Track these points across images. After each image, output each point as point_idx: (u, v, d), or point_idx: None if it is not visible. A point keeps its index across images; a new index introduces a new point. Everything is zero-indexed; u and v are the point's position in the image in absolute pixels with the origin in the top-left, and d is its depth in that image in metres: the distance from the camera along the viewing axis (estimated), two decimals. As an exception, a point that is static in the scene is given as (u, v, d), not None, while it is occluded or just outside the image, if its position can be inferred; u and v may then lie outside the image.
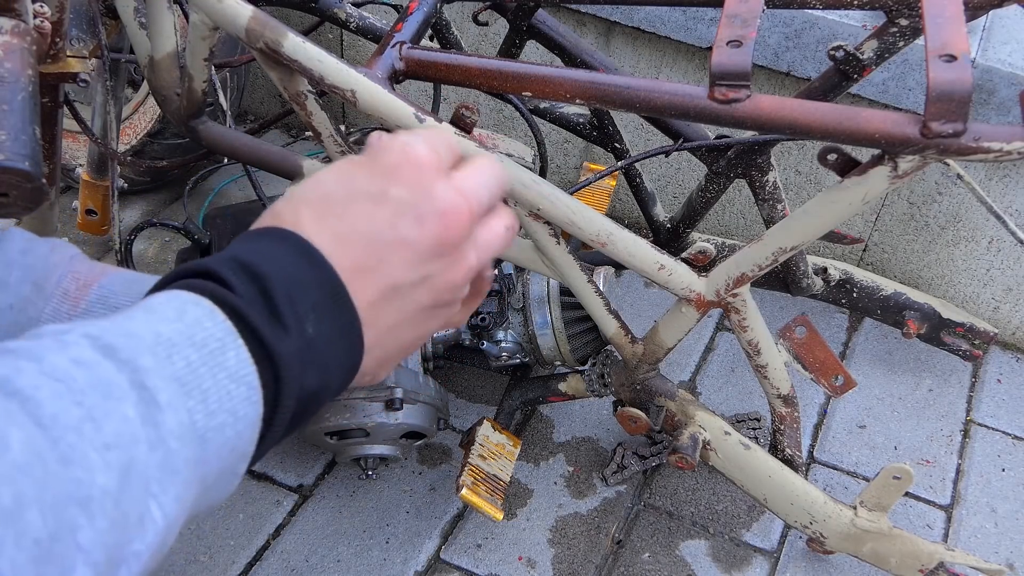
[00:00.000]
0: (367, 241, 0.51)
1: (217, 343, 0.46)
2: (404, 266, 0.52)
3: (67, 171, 1.40)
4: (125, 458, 0.40)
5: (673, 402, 0.95)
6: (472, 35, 1.46)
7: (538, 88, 0.74)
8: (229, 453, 0.45)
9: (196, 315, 0.46)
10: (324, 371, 0.50)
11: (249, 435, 0.46)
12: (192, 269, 0.49)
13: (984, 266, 1.35)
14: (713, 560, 1.07)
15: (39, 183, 0.61)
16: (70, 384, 0.40)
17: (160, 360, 0.43)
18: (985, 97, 1.20)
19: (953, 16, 0.66)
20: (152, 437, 0.41)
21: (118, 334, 0.43)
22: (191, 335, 0.45)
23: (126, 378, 0.42)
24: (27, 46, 0.66)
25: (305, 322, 0.49)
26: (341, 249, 0.51)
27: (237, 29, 0.71)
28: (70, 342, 0.42)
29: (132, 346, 0.43)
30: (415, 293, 0.53)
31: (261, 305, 0.48)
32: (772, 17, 1.24)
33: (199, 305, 0.46)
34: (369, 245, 0.52)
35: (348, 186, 0.52)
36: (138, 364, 0.42)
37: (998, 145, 0.63)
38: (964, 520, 1.13)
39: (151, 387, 0.42)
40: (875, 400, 1.27)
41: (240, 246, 0.50)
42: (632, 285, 1.43)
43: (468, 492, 0.95)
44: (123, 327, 0.44)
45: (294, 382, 0.48)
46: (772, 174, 1.04)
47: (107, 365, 0.41)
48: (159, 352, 0.43)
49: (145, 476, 0.40)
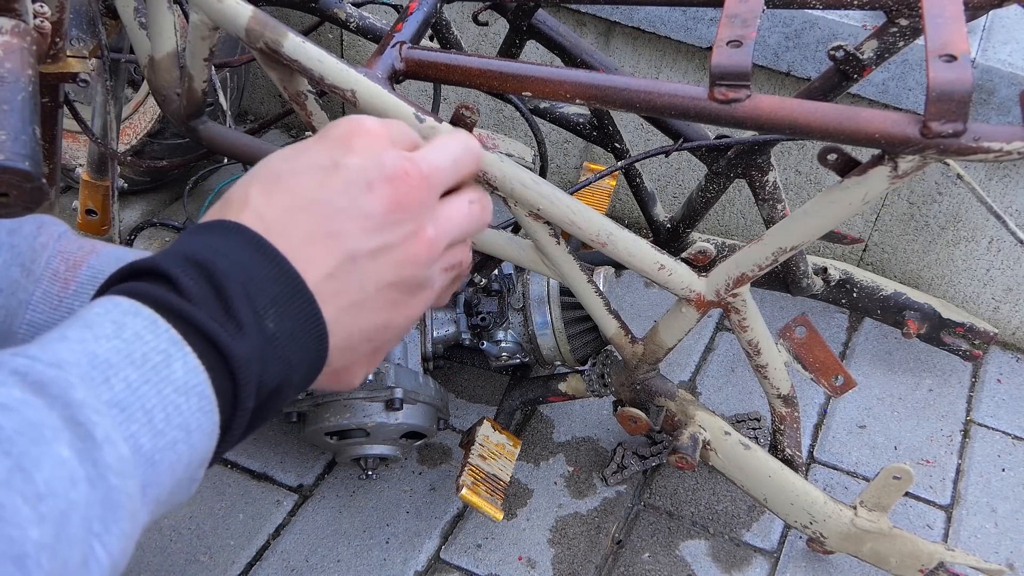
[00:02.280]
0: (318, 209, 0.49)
1: (160, 356, 0.43)
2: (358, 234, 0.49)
3: (67, 171, 1.40)
4: (61, 504, 0.38)
5: (673, 402, 0.95)
6: (472, 35, 1.46)
7: (538, 88, 0.74)
8: (184, 467, 0.43)
9: (135, 328, 0.43)
10: (287, 366, 0.47)
11: (206, 445, 0.44)
12: (139, 267, 0.46)
13: (984, 266, 1.35)
14: (713, 560, 1.07)
15: (39, 183, 0.61)
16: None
17: (95, 388, 0.41)
18: (985, 97, 1.20)
19: (953, 16, 0.66)
20: (92, 475, 0.39)
21: (48, 364, 0.40)
22: (130, 352, 0.43)
23: (58, 415, 0.39)
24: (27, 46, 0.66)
25: (265, 319, 0.46)
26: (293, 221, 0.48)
27: (237, 29, 0.71)
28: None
29: (63, 379, 0.40)
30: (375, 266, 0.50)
31: (214, 304, 0.45)
32: (772, 17, 1.24)
33: (139, 315, 0.44)
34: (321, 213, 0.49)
35: (298, 160, 0.50)
36: (70, 398, 0.40)
37: (998, 145, 0.63)
38: (964, 520, 1.13)
39: (85, 422, 0.40)
40: (875, 400, 1.27)
41: (191, 240, 0.47)
42: (632, 285, 1.43)
43: (468, 492, 0.95)
44: (55, 354, 0.41)
45: (252, 382, 0.46)
46: (772, 174, 1.04)
47: (36, 404, 0.39)
48: (94, 378, 0.41)
49: (86, 517, 0.38)
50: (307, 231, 0.48)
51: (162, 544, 1.03)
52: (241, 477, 1.11)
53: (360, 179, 0.49)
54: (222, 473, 1.11)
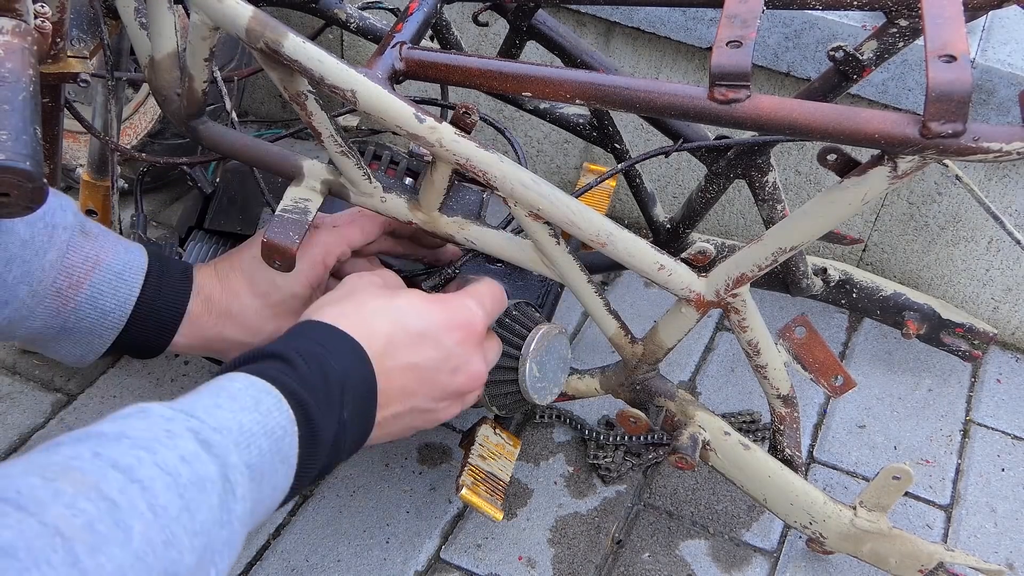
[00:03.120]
0: (414, 372, 0.69)
1: (281, 431, 0.58)
2: (429, 397, 0.71)
3: (67, 171, 1.40)
4: (205, 540, 0.49)
5: (673, 402, 0.95)
6: (472, 35, 1.46)
7: (538, 88, 0.74)
8: (264, 515, 0.58)
9: (268, 405, 0.58)
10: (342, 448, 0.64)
11: (280, 499, 0.60)
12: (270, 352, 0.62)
13: (984, 266, 1.35)
14: (713, 560, 1.07)
15: (40, 183, 0.61)
16: (176, 478, 0.49)
17: (241, 451, 0.54)
18: (985, 97, 1.20)
19: (953, 16, 0.66)
20: (224, 520, 0.51)
21: (213, 428, 0.53)
22: (264, 424, 0.57)
23: (217, 471, 0.51)
24: (28, 46, 0.66)
25: (345, 404, 0.63)
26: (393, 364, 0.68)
27: (237, 29, 0.71)
28: (177, 434, 0.51)
29: (223, 442, 0.53)
30: (421, 416, 0.72)
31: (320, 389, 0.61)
32: (772, 17, 1.24)
33: (270, 394, 0.59)
34: (413, 375, 0.69)
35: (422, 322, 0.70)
36: (227, 460, 0.53)
37: (997, 145, 0.63)
38: (964, 520, 1.13)
39: (233, 480, 0.52)
40: (875, 400, 1.27)
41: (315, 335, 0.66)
42: (632, 285, 1.43)
43: (468, 492, 0.95)
44: (215, 419, 0.54)
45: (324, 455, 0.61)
46: (772, 174, 1.04)
47: (205, 459, 0.51)
48: (241, 443, 0.54)
49: (213, 551, 0.50)
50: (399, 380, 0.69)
51: (162, 544, 1.03)
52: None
53: (453, 363, 0.71)
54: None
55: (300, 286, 0.83)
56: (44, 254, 0.74)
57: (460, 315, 0.72)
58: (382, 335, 0.67)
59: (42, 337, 0.78)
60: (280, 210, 0.80)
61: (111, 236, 0.79)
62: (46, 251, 0.74)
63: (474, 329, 0.73)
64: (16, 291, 0.73)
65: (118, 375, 1.20)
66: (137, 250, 0.80)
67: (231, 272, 0.83)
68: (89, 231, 0.78)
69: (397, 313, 0.69)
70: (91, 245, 0.77)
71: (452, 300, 0.73)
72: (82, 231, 0.77)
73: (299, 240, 0.78)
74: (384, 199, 0.83)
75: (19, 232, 0.73)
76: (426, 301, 0.72)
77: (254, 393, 0.58)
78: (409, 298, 0.72)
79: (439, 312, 0.71)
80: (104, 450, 0.48)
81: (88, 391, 1.18)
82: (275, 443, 0.57)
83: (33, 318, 0.75)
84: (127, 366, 1.21)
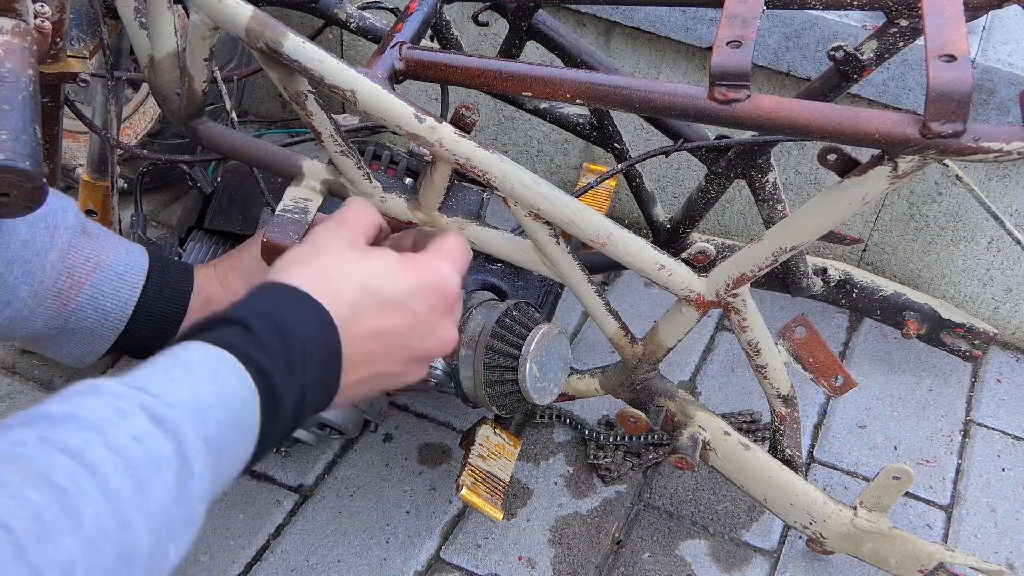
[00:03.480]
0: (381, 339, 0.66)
1: (241, 401, 0.55)
2: (395, 362, 0.68)
3: (67, 171, 1.40)
4: (162, 521, 0.48)
5: (673, 402, 0.95)
6: (472, 35, 1.46)
7: (538, 88, 0.74)
8: (225, 485, 0.56)
9: (225, 375, 0.55)
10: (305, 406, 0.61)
11: (241, 468, 0.58)
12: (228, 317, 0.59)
13: (984, 266, 1.35)
14: (713, 560, 1.07)
15: (40, 183, 0.61)
16: (128, 459, 0.47)
17: (197, 426, 0.52)
18: (985, 97, 1.20)
19: (953, 16, 0.66)
20: (181, 498, 0.49)
21: (167, 404, 0.51)
22: (221, 395, 0.54)
23: (172, 448, 0.50)
24: (28, 46, 0.66)
25: (307, 370, 0.60)
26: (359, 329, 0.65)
27: (237, 29, 0.71)
28: (128, 412, 0.49)
29: (177, 419, 0.51)
30: (386, 379, 0.69)
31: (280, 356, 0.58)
32: (772, 17, 1.24)
33: (228, 363, 0.56)
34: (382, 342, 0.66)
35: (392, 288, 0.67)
36: (183, 436, 0.50)
37: (998, 145, 0.63)
38: (964, 520, 1.13)
39: (189, 457, 0.50)
40: (875, 400, 1.27)
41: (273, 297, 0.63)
42: (632, 285, 1.43)
43: (468, 492, 0.95)
44: (169, 393, 0.52)
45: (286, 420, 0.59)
46: (772, 174, 1.04)
47: (158, 437, 0.49)
48: (197, 417, 0.52)
49: (171, 529, 0.49)
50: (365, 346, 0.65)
51: (162, 544, 1.03)
52: (241, 477, 1.10)
53: (423, 328, 0.68)
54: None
55: None
56: (46, 254, 0.74)
57: (432, 279, 0.69)
58: (349, 300, 0.64)
59: (43, 337, 0.78)
60: (280, 210, 0.80)
61: (112, 237, 0.79)
62: (48, 251, 0.74)
63: (446, 293, 0.70)
64: (18, 291, 0.73)
65: (118, 375, 1.20)
66: (138, 251, 0.80)
67: (231, 272, 0.83)
68: (90, 231, 0.78)
69: (366, 277, 0.66)
70: (92, 245, 0.77)
71: (425, 263, 0.70)
72: (83, 231, 0.77)
73: (299, 240, 0.78)
74: (384, 199, 0.83)
75: (21, 233, 0.73)
76: (397, 264, 0.68)
77: (211, 363, 0.55)
78: (379, 260, 0.68)
79: (410, 276, 0.68)
80: (51, 433, 0.47)
81: (88, 391, 1.18)
82: (234, 415, 0.55)
83: (34, 318, 0.75)
84: (127, 366, 1.21)
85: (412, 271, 0.68)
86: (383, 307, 0.66)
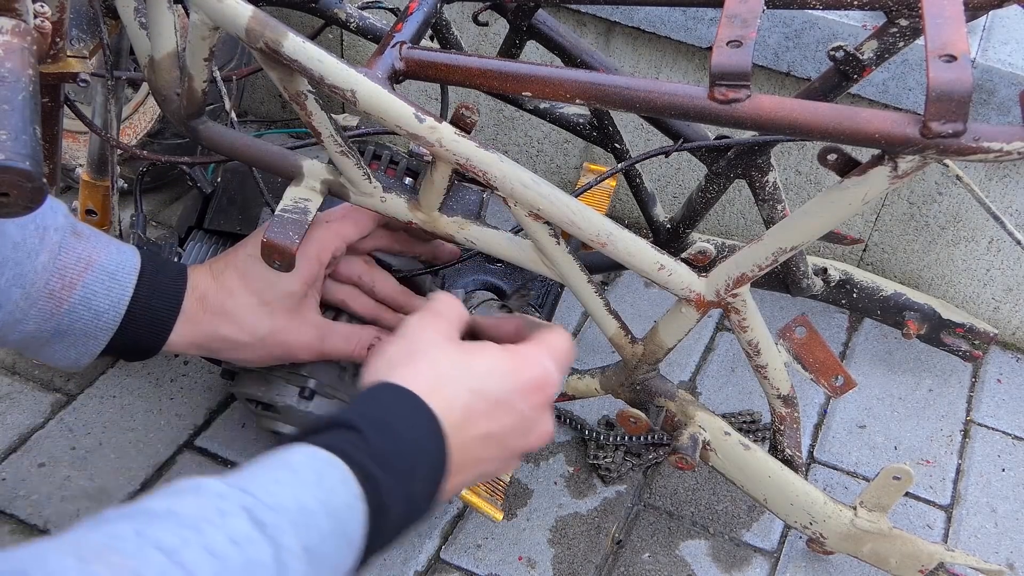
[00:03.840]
0: (488, 440, 0.66)
1: (346, 509, 0.54)
2: (496, 462, 0.69)
3: (67, 171, 1.40)
4: None
5: (673, 402, 0.95)
6: (472, 35, 1.46)
7: (538, 88, 0.74)
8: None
9: (332, 481, 0.54)
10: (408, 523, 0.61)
11: None
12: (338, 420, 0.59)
13: (984, 266, 1.35)
14: (713, 560, 1.07)
15: (39, 183, 0.61)
16: (224, 562, 0.46)
17: (299, 532, 0.50)
18: (985, 97, 1.20)
19: (953, 16, 0.66)
20: None
21: (268, 507, 0.50)
22: (326, 502, 0.53)
23: (271, 555, 0.48)
24: (28, 46, 0.66)
25: (415, 480, 0.60)
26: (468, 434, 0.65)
27: (237, 29, 0.71)
28: (228, 513, 0.48)
29: (278, 523, 0.49)
30: (486, 476, 0.70)
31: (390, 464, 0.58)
32: (772, 17, 1.24)
33: (336, 469, 0.55)
34: (488, 443, 0.66)
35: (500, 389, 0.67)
36: (281, 542, 0.49)
37: (998, 145, 0.63)
38: (964, 520, 1.13)
39: (288, 564, 0.49)
40: (875, 400, 1.27)
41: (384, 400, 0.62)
42: (632, 285, 1.43)
43: (468, 492, 0.95)
44: (272, 496, 0.51)
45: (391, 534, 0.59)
46: (772, 174, 1.04)
47: (258, 541, 0.48)
48: (299, 523, 0.51)
49: None
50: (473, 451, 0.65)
51: (162, 544, 1.03)
52: (241, 477, 1.11)
53: (525, 427, 0.68)
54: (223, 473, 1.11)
55: (295, 284, 0.82)
56: (36, 256, 0.73)
57: (537, 376, 0.69)
58: (460, 405, 0.64)
59: (36, 341, 0.77)
60: (280, 210, 0.80)
61: (103, 237, 0.79)
62: (38, 253, 0.74)
63: (549, 390, 0.70)
64: (9, 294, 0.73)
65: (117, 375, 1.20)
66: (130, 251, 0.80)
67: (226, 270, 0.83)
68: (80, 232, 0.77)
69: (476, 381, 0.66)
70: (83, 246, 0.76)
71: (529, 358, 0.70)
72: (73, 232, 0.77)
73: (299, 240, 0.78)
74: (384, 199, 0.83)
75: (10, 235, 0.72)
76: (503, 361, 0.68)
77: (317, 467, 0.54)
78: (487, 360, 0.68)
79: (517, 374, 0.68)
80: (148, 529, 0.45)
81: (88, 391, 1.18)
82: (338, 523, 0.53)
83: (27, 321, 0.75)
84: (127, 366, 1.21)
85: (518, 367, 0.68)
86: (492, 409, 0.66)
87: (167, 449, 1.13)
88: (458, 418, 0.63)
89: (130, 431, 1.14)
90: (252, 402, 1.02)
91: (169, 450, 1.12)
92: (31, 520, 1.03)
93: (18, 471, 1.08)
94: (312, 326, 0.85)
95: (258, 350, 0.84)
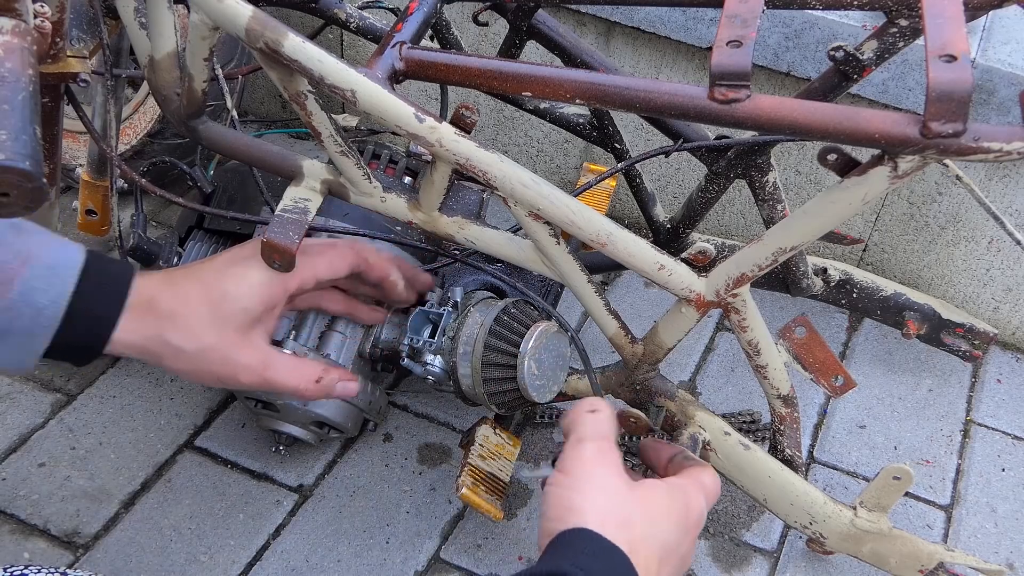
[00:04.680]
0: None
1: None
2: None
3: (67, 171, 1.40)
4: None
5: (673, 402, 0.95)
6: (472, 35, 1.46)
7: (538, 88, 0.74)
8: None
9: None
10: None
11: None
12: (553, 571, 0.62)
13: (984, 266, 1.35)
14: (713, 560, 1.07)
15: (39, 183, 0.61)
16: None
17: None
18: (985, 97, 1.20)
19: (953, 16, 0.66)
20: None
21: None
22: None
23: None
24: (28, 46, 0.66)
25: None
26: None
27: (237, 29, 0.71)
28: None
29: None
30: None
31: None
32: (772, 17, 1.24)
33: None
34: None
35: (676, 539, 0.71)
36: None
37: (998, 145, 0.63)
38: (964, 520, 1.13)
39: None
40: (875, 400, 1.27)
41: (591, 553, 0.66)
42: (632, 285, 1.43)
43: (468, 492, 0.95)
44: None
45: None
46: (772, 174, 1.04)
47: None
48: None
49: None
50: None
51: (162, 544, 1.03)
52: (241, 477, 1.11)
53: (684, 564, 0.74)
54: (222, 473, 1.11)
55: (254, 302, 0.81)
56: None
57: (699, 519, 0.75)
58: (654, 559, 0.69)
59: None
60: (280, 210, 0.80)
61: (46, 233, 0.76)
62: None
63: (698, 527, 0.75)
64: None
65: (117, 375, 1.20)
66: (74, 247, 0.77)
67: (185, 278, 0.81)
68: (21, 227, 0.75)
69: (662, 534, 0.71)
70: (22, 241, 0.74)
71: (692, 502, 0.74)
72: (12, 226, 0.74)
73: (299, 240, 0.78)
74: (384, 199, 0.83)
75: None
76: (675, 505, 0.73)
77: None
78: (662, 506, 0.73)
79: (687, 520, 0.73)
80: None
81: (88, 391, 1.18)
82: None
83: None
84: (126, 366, 1.21)
85: (687, 515, 0.73)
86: (668, 556, 0.70)
87: (167, 449, 1.13)
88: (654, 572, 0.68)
89: (130, 431, 1.14)
90: (251, 400, 1.02)
91: (169, 450, 1.13)
92: (31, 520, 1.04)
93: (18, 471, 1.08)
94: (258, 350, 0.82)
95: (199, 362, 0.81)
